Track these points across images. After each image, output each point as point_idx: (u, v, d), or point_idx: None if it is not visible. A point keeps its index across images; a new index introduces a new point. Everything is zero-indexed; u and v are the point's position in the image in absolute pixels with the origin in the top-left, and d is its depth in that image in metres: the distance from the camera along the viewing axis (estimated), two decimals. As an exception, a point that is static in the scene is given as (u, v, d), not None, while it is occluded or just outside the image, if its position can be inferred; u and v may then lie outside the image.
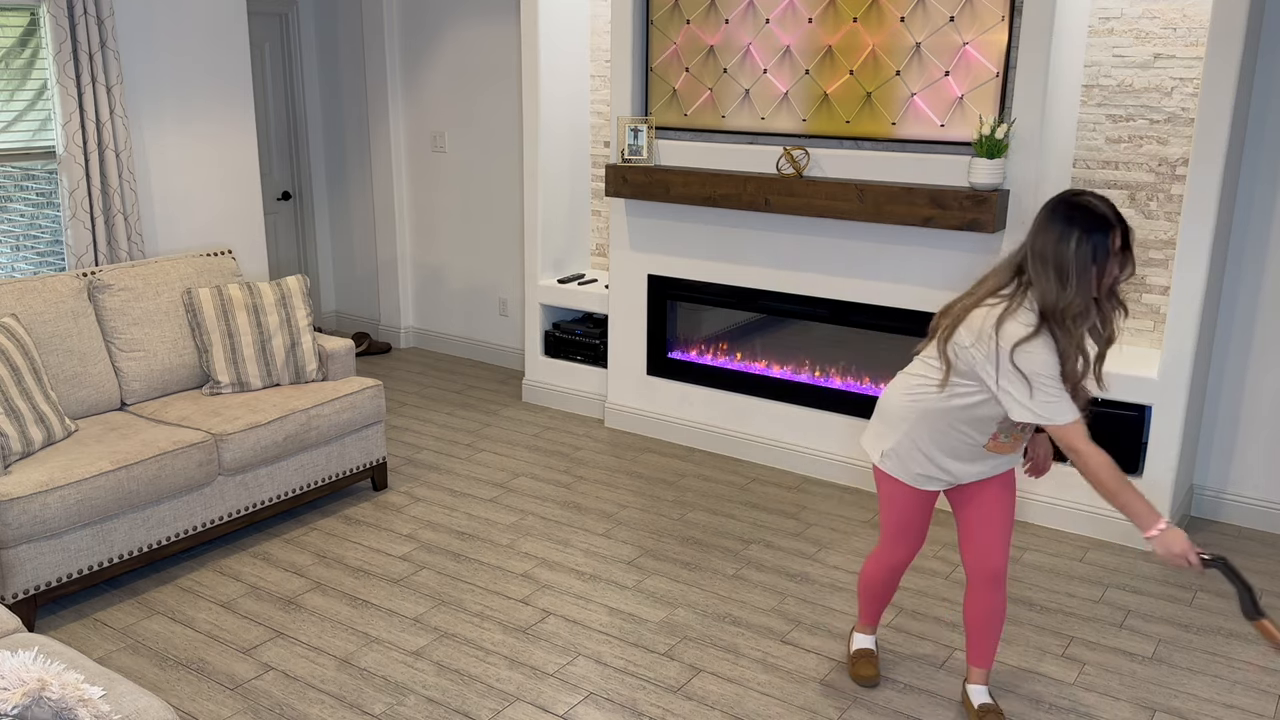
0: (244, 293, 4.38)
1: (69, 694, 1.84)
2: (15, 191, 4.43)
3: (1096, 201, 2.53)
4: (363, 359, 6.68)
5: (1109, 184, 4.27)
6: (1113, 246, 2.51)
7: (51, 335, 3.96)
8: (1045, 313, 2.55)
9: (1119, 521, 4.15)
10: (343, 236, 7.11)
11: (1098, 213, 2.51)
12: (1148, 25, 4.09)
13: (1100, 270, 2.52)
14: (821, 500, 4.56)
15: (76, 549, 3.50)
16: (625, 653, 3.37)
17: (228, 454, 3.91)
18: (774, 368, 4.96)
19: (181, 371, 4.35)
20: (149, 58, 4.74)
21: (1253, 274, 4.15)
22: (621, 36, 4.95)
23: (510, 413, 5.67)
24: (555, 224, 5.69)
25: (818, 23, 4.41)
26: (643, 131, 4.91)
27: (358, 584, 3.80)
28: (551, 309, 5.75)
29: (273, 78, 6.64)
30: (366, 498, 4.57)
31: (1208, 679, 3.26)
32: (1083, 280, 2.51)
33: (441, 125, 6.44)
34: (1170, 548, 2.52)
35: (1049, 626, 3.55)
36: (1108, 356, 2.75)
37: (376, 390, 4.46)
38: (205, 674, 3.23)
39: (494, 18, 6.02)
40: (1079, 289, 2.51)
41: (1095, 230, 2.50)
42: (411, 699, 3.12)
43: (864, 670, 3.23)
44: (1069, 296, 2.51)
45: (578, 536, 4.20)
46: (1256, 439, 4.27)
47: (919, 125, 4.26)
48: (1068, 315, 2.53)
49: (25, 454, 3.59)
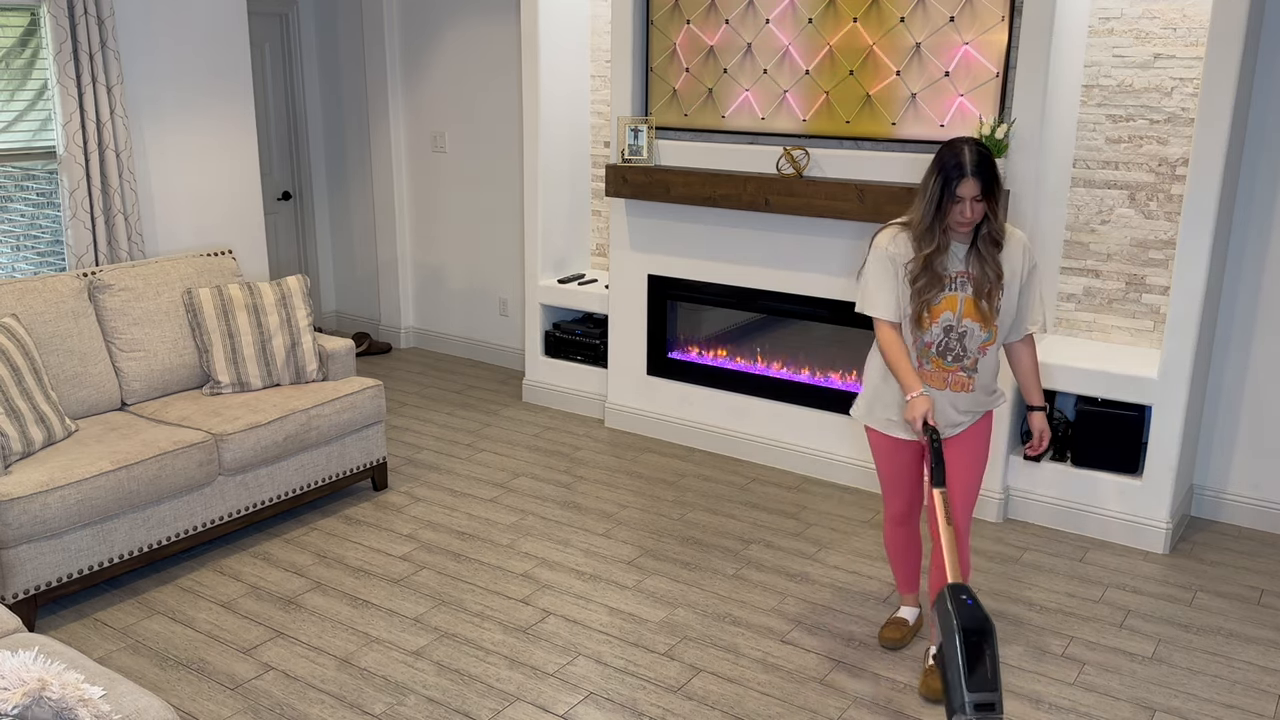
0: (244, 293, 4.38)
1: (69, 694, 1.84)
2: (15, 191, 4.43)
3: (968, 151, 2.87)
4: (363, 359, 6.68)
5: (1109, 184, 4.27)
6: (961, 191, 2.85)
7: (52, 335, 3.96)
8: (910, 223, 3.00)
9: (1119, 521, 4.15)
10: (343, 236, 7.12)
11: (960, 159, 2.86)
12: (1148, 25, 4.09)
13: (946, 204, 2.88)
14: (821, 500, 4.56)
15: (77, 549, 3.50)
16: (625, 653, 3.37)
17: (228, 454, 3.92)
18: (774, 368, 4.96)
19: (182, 371, 4.35)
20: (149, 58, 4.74)
21: (1253, 274, 4.15)
22: (621, 36, 4.95)
23: (510, 413, 5.67)
24: (555, 224, 5.70)
25: (818, 23, 4.41)
26: (643, 131, 4.91)
27: (358, 584, 3.81)
28: (551, 309, 5.75)
29: (273, 78, 6.64)
30: (367, 498, 4.57)
31: (1208, 679, 3.26)
32: (930, 205, 2.90)
33: (441, 125, 6.44)
34: (912, 410, 2.95)
35: (1049, 626, 3.56)
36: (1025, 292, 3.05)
37: (376, 390, 4.46)
38: (205, 674, 3.23)
39: (494, 18, 6.02)
40: (925, 212, 2.92)
41: (951, 171, 2.86)
42: (411, 699, 3.12)
43: (888, 633, 3.42)
44: (919, 214, 2.95)
45: (578, 536, 4.20)
46: (1256, 439, 4.27)
47: (919, 125, 4.26)
48: (919, 230, 2.95)
49: (25, 454, 3.59)
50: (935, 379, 3.05)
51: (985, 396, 3.10)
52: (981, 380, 3.07)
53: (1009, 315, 3.04)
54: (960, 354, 3.02)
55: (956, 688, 2.48)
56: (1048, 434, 3.20)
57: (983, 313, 2.97)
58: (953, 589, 2.63)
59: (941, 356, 3.03)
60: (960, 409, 3.07)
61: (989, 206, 2.90)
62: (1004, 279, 2.98)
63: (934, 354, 3.03)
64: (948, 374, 3.04)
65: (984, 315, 2.98)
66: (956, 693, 2.47)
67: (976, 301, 2.97)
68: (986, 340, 3.02)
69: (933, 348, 3.02)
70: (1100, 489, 4.19)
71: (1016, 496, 4.36)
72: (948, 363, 3.03)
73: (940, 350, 3.02)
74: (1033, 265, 3.04)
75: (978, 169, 2.85)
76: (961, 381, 3.05)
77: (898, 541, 3.35)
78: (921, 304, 2.97)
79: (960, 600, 2.60)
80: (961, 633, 2.52)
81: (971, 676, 2.47)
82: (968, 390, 3.05)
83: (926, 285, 2.94)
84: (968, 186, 2.85)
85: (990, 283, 2.96)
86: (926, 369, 3.05)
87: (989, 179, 2.86)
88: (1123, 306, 4.35)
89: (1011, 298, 3.02)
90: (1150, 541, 4.10)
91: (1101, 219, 4.32)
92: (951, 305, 2.97)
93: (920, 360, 3.04)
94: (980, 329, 3.00)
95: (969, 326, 2.99)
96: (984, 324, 2.99)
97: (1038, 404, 3.18)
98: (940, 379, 3.04)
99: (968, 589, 2.65)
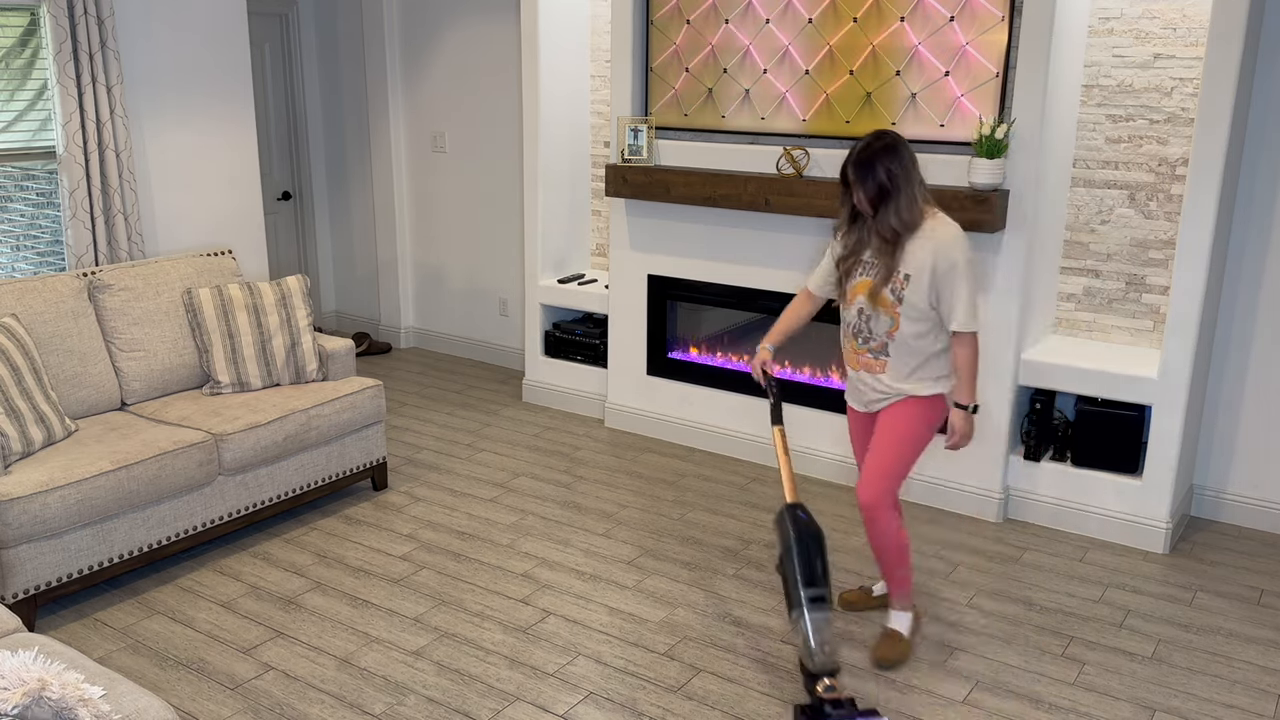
0: (244, 293, 4.38)
1: (69, 694, 1.84)
2: (15, 191, 4.43)
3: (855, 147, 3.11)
4: (363, 359, 6.68)
5: (1109, 184, 4.27)
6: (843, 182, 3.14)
7: (51, 335, 3.96)
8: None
9: (1119, 521, 4.15)
10: (343, 236, 7.12)
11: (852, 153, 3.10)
12: (1148, 25, 4.09)
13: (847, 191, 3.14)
14: (821, 500, 4.56)
15: (77, 549, 3.50)
16: (625, 653, 3.37)
17: (228, 454, 3.92)
18: (774, 368, 4.96)
19: (182, 371, 4.35)
20: (149, 58, 4.74)
21: (1253, 274, 4.15)
22: (621, 36, 4.95)
23: (510, 413, 5.67)
24: (555, 224, 5.70)
25: (818, 23, 4.41)
26: (643, 131, 4.91)
27: (358, 584, 3.81)
28: (551, 309, 5.75)
29: (273, 78, 6.64)
30: (366, 498, 4.57)
31: (1208, 679, 3.26)
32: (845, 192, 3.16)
33: (441, 125, 6.44)
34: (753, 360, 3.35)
35: (1049, 626, 3.56)
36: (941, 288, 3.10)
37: (376, 390, 4.46)
38: (205, 674, 3.23)
39: (494, 17, 6.02)
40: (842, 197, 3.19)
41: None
42: (411, 699, 3.12)
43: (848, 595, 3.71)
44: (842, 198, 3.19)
45: (578, 536, 4.20)
46: (1256, 439, 4.27)
47: (919, 125, 4.26)
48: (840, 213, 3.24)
49: (25, 454, 3.59)
50: (852, 359, 3.29)
51: (903, 378, 3.19)
52: (895, 366, 3.18)
53: (919, 309, 3.11)
54: (868, 336, 3.20)
55: (795, 587, 2.94)
56: (968, 437, 3.21)
57: (884, 301, 3.12)
58: (789, 507, 3.06)
59: (855, 338, 3.25)
60: (875, 389, 3.25)
61: (870, 202, 3.07)
62: (907, 273, 3.08)
63: (850, 334, 3.27)
64: (859, 355, 3.26)
65: (885, 304, 3.12)
66: (795, 591, 2.94)
67: (879, 289, 3.13)
68: (890, 327, 3.14)
69: (850, 328, 3.26)
70: (1100, 489, 4.19)
71: (1016, 496, 4.36)
72: (859, 344, 3.24)
73: (854, 332, 3.24)
74: (950, 264, 3.05)
75: (846, 162, 3.09)
76: (869, 364, 3.23)
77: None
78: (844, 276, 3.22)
79: (795, 515, 3.03)
80: (798, 542, 2.98)
81: (808, 576, 2.94)
82: (878, 373, 3.22)
83: (849, 262, 3.22)
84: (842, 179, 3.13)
85: (891, 273, 3.11)
86: (847, 348, 3.31)
87: (859, 175, 3.05)
88: (1123, 306, 4.36)
89: (920, 292, 3.08)
90: (1150, 541, 4.11)
91: (1101, 219, 4.32)
92: (863, 289, 3.17)
93: (844, 339, 3.31)
94: (883, 315, 3.14)
95: (874, 312, 3.16)
96: (886, 311, 3.13)
97: (962, 402, 3.18)
98: (855, 359, 3.28)
99: (802, 505, 3.08)
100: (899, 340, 3.14)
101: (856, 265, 3.18)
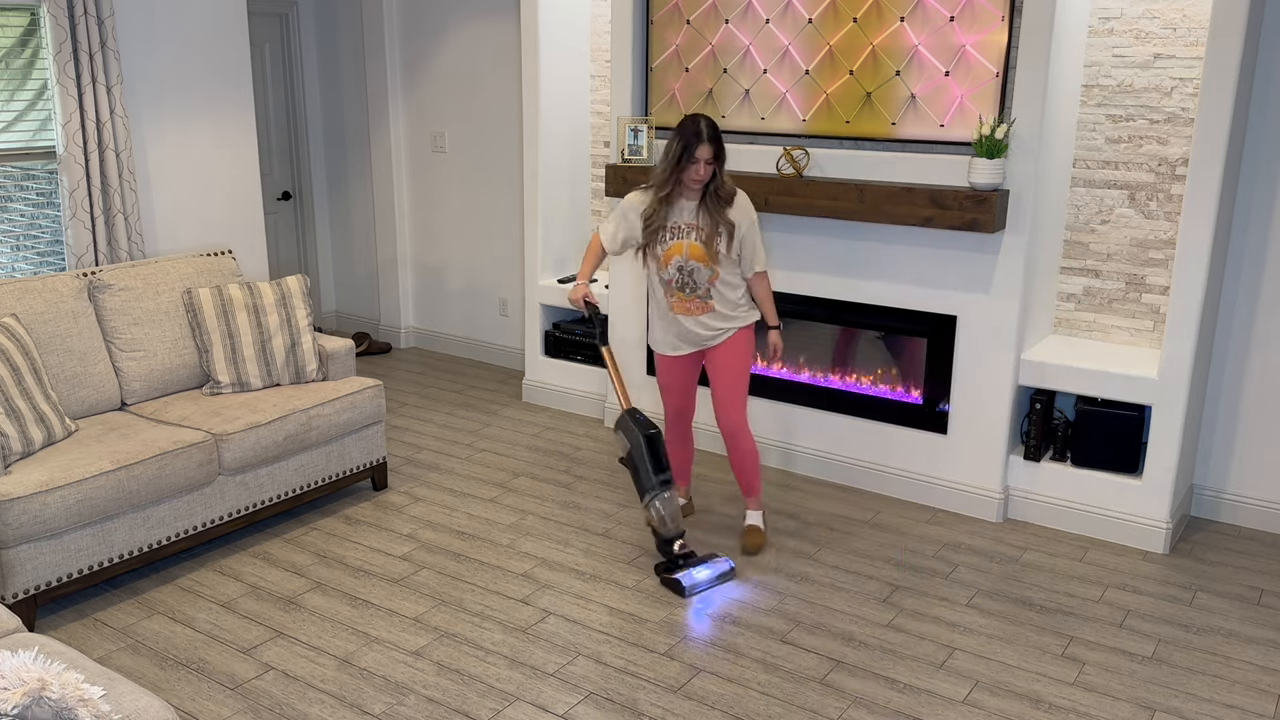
0: (244, 293, 4.38)
1: (69, 694, 1.84)
2: (15, 191, 4.43)
3: (703, 124, 3.65)
4: (363, 359, 6.68)
5: (1109, 184, 4.27)
6: (698, 154, 3.63)
7: (51, 335, 3.96)
8: (653, 182, 3.81)
9: (1119, 521, 4.15)
10: (343, 236, 7.12)
11: (696, 128, 3.64)
12: (1148, 25, 4.10)
13: (684, 164, 3.66)
14: (821, 500, 4.56)
15: (77, 549, 3.50)
16: (625, 653, 3.37)
17: (228, 454, 3.92)
18: (773, 367, 4.96)
19: (182, 371, 4.35)
20: (149, 58, 4.74)
21: (1253, 274, 4.15)
22: (621, 36, 4.95)
23: (510, 413, 5.67)
24: (555, 224, 5.70)
25: (818, 23, 4.41)
26: (643, 131, 4.91)
27: (358, 584, 3.81)
28: (551, 309, 5.75)
29: (273, 78, 6.64)
30: (366, 498, 4.57)
31: (1208, 679, 3.26)
32: (669, 164, 3.69)
33: (441, 125, 6.44)
34: (572, 294, 3.89)
35: (1049, 626, 3.56)
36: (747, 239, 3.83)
37: (376, 390, 4.46)
38: (205, 674, 3.23)
39: (494, 18, 6.02)
40: (665, 168, 3.72)
41: (691, 138, 3.64)
42: (411, 699, 3.12)
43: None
44: (659, 172, 3.76)
45: (578, 536, 4.20)
46: (1256, 439, 4.27)
47: (919, 125, 4.26)
48: (656, 182, 3.78)
49: (25, 454, 3.59)
50: (681, 307, 3.88)
51: (731, 313, 3.90)
52: (720, 304, 3.87)
53: (730, 259, 3.80)
54: (693, 286, 3.84)
55: (647, 475, 3.75)
56: (780, 349, 4.05)
57: (708, 255, 3.78)
58: (628, 412, 3.84)
59: (681, 290, 3.85)
60: (710, 326, 3.90)
61: (717, 168, 3.69)
62: (735, 228, 3.75)
63: (675, 289, 3.85)
64: (689, 303, 3.86)
65: (708, 257, 3.78)
66: (647, 478, 3.75)
67: (705, 246, 3.77)
68: (710, 275, 3.81)
69: (673, 284, 3.85)
70: (1100, 489, 4.19)
71: (1016, 496, 4.36)
72: (686, 294, 3.85)
73: (679, 285, 3.84)
74: (750, 222, 3.81)
75: (711, 136, 3.63)
76: (700, 305, 3.86)
77: (673, 439, 4.15)
78: (653, 242, 3.81)
79: (635, 417, 3.80)
80: (644, 438, 3.74)
81: (655, 465, 3.74)
82: (709, 311, 3.88)
83: (657, 229, 3.79)
84: (704, 150, 3.63)
85: (716, 232, 3.75)
86: (674, 300, 3.88)
87: (719, 145, 3.66)
88: (1123, 306, 4.36)
89: (734, 246, 3.78)
90: (1150, 541, 4.11)
91: (1101, 219, 4.32)
92: (679, 250, 3.79)
93: (667, 295, 3.89)
94: (704, 267, 3.80)
95: (695, 266, 3.80)
96: (707, 263, 3.79)
97: (773, 324, 4.02)
98: (684, 307, 3.87)
99: (636, 410, 3.84)
100: (720, 285, 3.83)
101: (662, 231, 3.79)
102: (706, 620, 3.57)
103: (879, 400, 4.60)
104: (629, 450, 3.80)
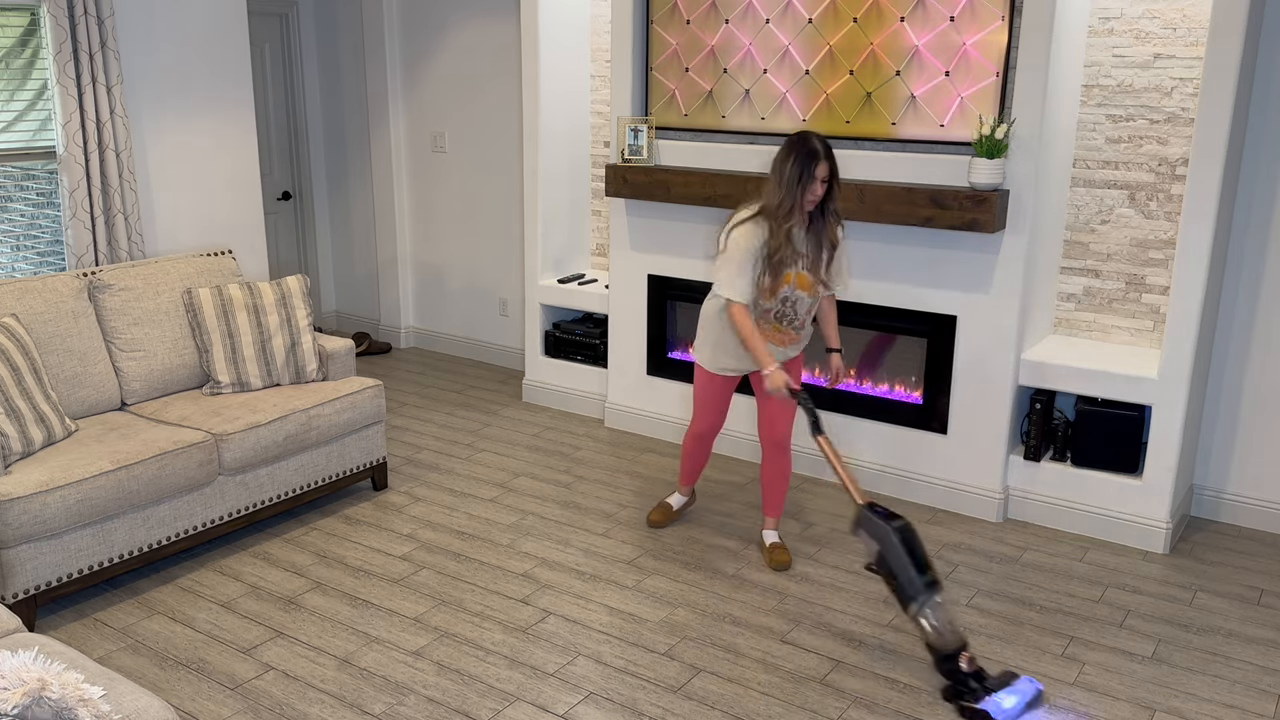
0: (244, 293, 4.38)
1: (69, 694, 1.84)
2: (15, 191, 4.43)
3: (815, 141, 3.46)
4: (363, 359, 6.68)
5: (1109, 184, 4.27)
6: (817, 173, 3.44)
7: (51, 335, 3.96)
8: (764, 210, 3.52)
9: (1119, 521, 4.15)
10: (343, 236, 7.12)
11: (811, 146, 3.44)
12: (1148, 25, 4.10)
13: (804, 186, 3.44)
14: (821, 500, 4.56)
15: (77, 549, 3.50)
16: (625, 653, 3.38)
17: (228, 454, 3.92)
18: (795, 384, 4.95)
19: (182, 371, 4.35)
20: (149, 57, 4.74)
21: (1253, 274, 4.15)
22: (621, 36, 4.95)
23: (510, 413, 5.67)
24: (555, 224, 5.70)
25: (818, 23, 4.41)
26: (643, 131, 4.91)
27: (358, 584, 3.81)
28: (551, 309, 5.75)
29: (273, 78, 6.64)
30: (366, 498, 4.57)
31: (1208, 679, 3.26)
32: (790, 189, 3.45)
33: (441, 125, 6.44)
34: (774, 382, 3.55)
35: (1049, 626, 3.56)
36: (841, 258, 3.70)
37: (376, 390, 4.46)
38: (205, 674, 3.23)
39: (494, 18, 6.02)
40: (786, 194, 3.46)
41: (806, 156, 3.43)
42: (411, 699, 3.12)
43: (655, 515, 4.25)
44: (779, 197, 3.47)
45: (578, 536, 4.20)
46: (1256, 439, 4.27)
47: (919, 125, 4.26)
48: (779, 212, 3.48)
49: (25, 454, 3.59)
50: (772, 337, 3.72)
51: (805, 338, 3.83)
52: (804, 334, 3.79)
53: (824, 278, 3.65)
54: (791, 318, 3.70)
55: (909, 580, 3.12)
56: (843, 372, 3.88)
57: (813, 283, 3.63)
58: (868, 507, 3.28)
59: (778, 321, 3.70)
60: (788, 355, 3.81)
61: (834, 184, 3.51)
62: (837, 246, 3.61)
63: (772, 319, 3.69)
64: (782, 334, 3.73)
65: (813, 285, 3.63)
66: (910, 584, 3.12)
67: (811, 274, 3.61)
68: (811, 306, 3.71)
69: (771, 314, 3.67)
70: (1100, 489, 4.19)
71: (1016, 496, 4.36)
72: (783, 326, 3.71)
73: (776, 316, 3.68)
74: (845, 235, 3.70)
75: (827, 153, 3.46)
76: (791, 337, 3.76)
77: (695, 450, 4.10)
78: (776, 279, 3.54)
79: (879, 512, 3.24)
80: (895, 532, 3.16)
81: (916, 565, 3.13)
82: (794, 342, 3.79)
83: (781, 261, 3.52)
84: (822, 169, 3.44)
85: (820, 255, 3.59)
86: (765, 328, 3.70)
87: (834, 160, 3.48)
88: (1123, 306, 4.36)
89: (836, 263, 3.64)
90: (1150, 541, 4.11)
91: (1101, 219, 4.32)
92: (789, 280, 3.60)
93: (759, 322, 3.68)
94: (808, 296, 3.66)
95: (799, 296, 3.64)
96: (810, 293, 3.66)
97: (836, 347, 3.88)
98: (776, 338, 3.73)
99: (874, 503, 3.30)
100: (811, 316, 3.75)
101: (792, 256, 3.55)
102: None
103: (879, 400, 4.60)
104: (879, 553, 3.20)
